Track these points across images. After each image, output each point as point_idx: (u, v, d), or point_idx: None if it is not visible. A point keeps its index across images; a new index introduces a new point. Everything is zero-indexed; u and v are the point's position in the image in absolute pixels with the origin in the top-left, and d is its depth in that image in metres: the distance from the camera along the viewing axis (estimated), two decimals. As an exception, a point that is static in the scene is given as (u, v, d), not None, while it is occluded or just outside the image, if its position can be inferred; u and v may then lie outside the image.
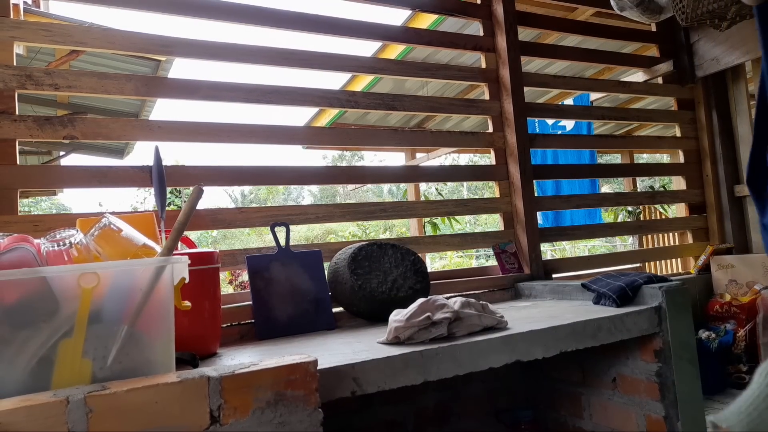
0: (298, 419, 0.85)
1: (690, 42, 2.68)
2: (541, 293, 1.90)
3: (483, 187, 18.91)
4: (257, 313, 1.52)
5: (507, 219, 2.18)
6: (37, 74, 1.46)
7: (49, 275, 0.84)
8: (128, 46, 1.60)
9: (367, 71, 2.03)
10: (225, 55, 1.72)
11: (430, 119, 5.65)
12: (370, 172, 2.11)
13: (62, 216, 1.46)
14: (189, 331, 1.19)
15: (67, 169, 1.56)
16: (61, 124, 1.48)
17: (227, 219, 1.66)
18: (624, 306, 1.46)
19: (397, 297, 1.56)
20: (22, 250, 0.90)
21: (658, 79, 2.78)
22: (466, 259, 11.62)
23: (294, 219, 1.74)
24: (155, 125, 1.59)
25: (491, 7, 2.24)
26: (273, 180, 1.78)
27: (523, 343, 1.21)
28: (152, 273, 0.89)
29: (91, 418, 0.72)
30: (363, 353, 1.09)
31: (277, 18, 1.83)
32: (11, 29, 1.45)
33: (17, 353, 0.81)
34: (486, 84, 2.21)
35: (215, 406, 0.79)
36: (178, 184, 1.63)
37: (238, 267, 1.64)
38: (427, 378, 1.09)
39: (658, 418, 1.42)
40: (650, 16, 2.23)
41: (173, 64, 3.56)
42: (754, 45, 2.37)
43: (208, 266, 1.32)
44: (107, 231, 0.96)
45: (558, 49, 2.53)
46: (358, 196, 18.13)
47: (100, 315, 0.85)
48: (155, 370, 0.87)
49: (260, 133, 1.74)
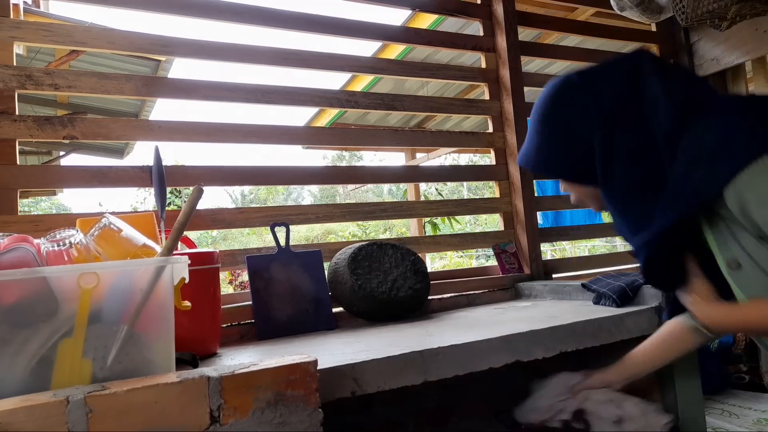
0: (298, 419, 0.85)
1: (690, 42, 2.68)
2: (541, 293, 1.90)
3: (483, 187, 18.91)
4: (257, 313, 1.52)
5: (507, 219, 2.18)
6: (37, 74, 1.46)
7: (49, 275, 0.84)
8: (128, 46, 1.60)
9: (367, 71, 2.03)
10: (225, 55, 1.72)
11: (430, 119, 5.65)
12: (370, 172, 2.11)
13: (62, 216, 1.46)
14: (189, 331, 1.18)
15: (67, 169, 1.56)
16: (61, 124, 1.48)
17: (227, 219, 1.66)
18: (624, 306, 1.46)
19: (397, 297, 1.56)
20: (22, 250, 0.90)
21: (658, 79, 2.77)
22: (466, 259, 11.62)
23: (294, 219, 1.74)
24: (155, 125, 1.59)
25: (491, 7, 2.24)
26: (273, 180, 1.78)
27: (523, 343, 1.21)
28: (152, 273, 0.89)
29: (91, 418, 0.72)
30: (363, 353, 1.09)
31: (276, 18, 1.83)
32: (11, 29, 1.45)
33: (17, 353, 0.81)
34: (486, 84, 2.21)
35: (215, 406, 0.79)
36: (178, 184, 1.63)
37: (238, 267, 1.64)
38: (427, 378, 1.08)
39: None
40: (650, 16, 2.23)
41: (173, 64, 3.56)
42: (754, 45, 2.37)
43: (208, 266, 1.32)
44: (107, 231, 0.96)
45: (558, 49, 2.53)
46: (358, 196, 18.13)
47: (100, 315, 0.85)
48: (155, 370, 0.87)
49: (260, 133, 1.74)
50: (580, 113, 1.00)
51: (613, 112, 0.98)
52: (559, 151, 1.04)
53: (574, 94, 1.02)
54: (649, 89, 0.98)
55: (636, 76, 1.00)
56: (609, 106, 0.98)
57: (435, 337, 1.25)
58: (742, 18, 1.91)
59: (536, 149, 1.07)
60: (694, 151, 0.90)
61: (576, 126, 1.01)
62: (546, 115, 1.04)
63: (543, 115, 1.05)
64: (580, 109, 1.01)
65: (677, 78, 1.00)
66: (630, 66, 1.01)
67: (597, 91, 1.00)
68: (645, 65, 1.00)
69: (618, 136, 0.98)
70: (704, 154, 0.89)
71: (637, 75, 1.00)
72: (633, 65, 1.01)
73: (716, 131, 0.89)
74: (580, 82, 1.03)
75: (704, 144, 0.89)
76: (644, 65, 1.01)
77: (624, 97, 0.99)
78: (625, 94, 0.99)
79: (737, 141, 0.86)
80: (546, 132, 1.05)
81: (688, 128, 0.93)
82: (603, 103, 0.99)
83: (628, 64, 1.02)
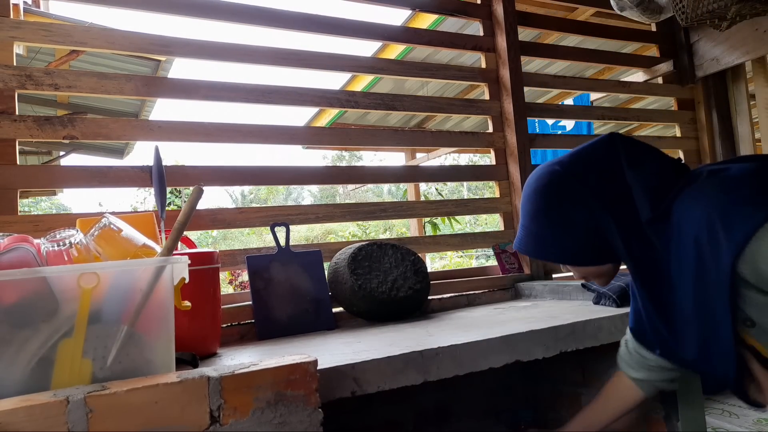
0: (298, 419, 0.85)
1: (690, 42, 2.68)
2: (541, 293, 1.90)
3: (483, 187, 18.90)
4: (257, 313, 1.52)
5: (507, 219, 2.18)
6: (37, 74, 1.46)
7: (49, 275, 0.84)
8: (128, 46, 1.60)
9: (367, 71, 2.03)
10: (225, 55, 1.72)
11: (430, 119, 5.65)
12: (370, 172, 2.11)
13: (62, 216, 1.46)
14: (189, 331, 1.19)
15: (67, 169, 1.56)
16: (61, 124, 1.48)
17: (227, 219, 1.66)
18: (624, 306, 1.46)
19: (397, 297, 1.56)
20: (22, 250, 0.90)
21: (658, 79, 2.78)
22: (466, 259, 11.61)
23: (294, 219, 1.74)
24: (155, 125, 1.59)
25: (491, 7, 2.24)
26: (273, 180, 1.78)
27: (523, 343, 1.21)
28: (152, 273, 0.89)
29: (91, 418, 0.72)
30: (363, 353, 1.09)
31: (276, 18, 1.83)
32: (11, 29, 1.45)
33: (17, 353, 0.81)
34: (486, 84, 2.21)
35: (215, 406, 0.79)
36: (178, 184, 1.63)
37: (238, 267, 1.64)
38: (427, 378, 1.08)
39: (658, 418, 1.42)
40: (650, 16, 2.23)
41: (173, 64, 3.56)
42: (754, 45, 2.38)
43: (208, 266, 1.32)
44: (107, 231, 0.96)
45: (558, 49, 2.53)
46: (358, 196, 18.12)
47: (100, 315, 0.85)
48: (155, 370, 0.87)
49: (260, 133, 1.74)
50: (575, 200, 1.02)
51: (604, 194, 1.01)
52: (562, 239, 1.05)
53: (562, 183, 1.04)
54: (624, 176, 1.01)
55: (614, 161, 1.03)
56: (598, 190, 1.01)
57: (435, 337, 1.25)
58: (742, 18, 1.91)
59: (536, 240, 1.08)
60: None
61: (573, 214, 1.02)
62: (540, 209, 1.06)
63: (538, 209, 1.06)
64: (572, 196, 1.03)
65: (648, 163, 1.02)
66: (606, 151, 1.05)
67: (584, 178, 1.03)
68: (619, 150, 1.04)
69: (617, 212, 1.01)
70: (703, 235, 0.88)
71: (615, 160, 1.03)
72: (609, 150, 1.05)
73: (705, 212, 0.89)
74: (564, 170, 1.05)
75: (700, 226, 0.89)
76: (618, 150, 1.04)
77: (609, 180, 1.02)
78: (609, 177, 1.02)
79: (736, 215, 0.85)
80: (544, 223, 1.06)
81: (669, 214, 0.95)
82: (593, 187, 1.02)
83: (604, 149, 1.05)
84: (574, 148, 1.10)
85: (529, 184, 1.10)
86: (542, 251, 1.09)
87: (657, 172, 1.01)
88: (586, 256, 1.06)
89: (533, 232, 1.07)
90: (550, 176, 1.06)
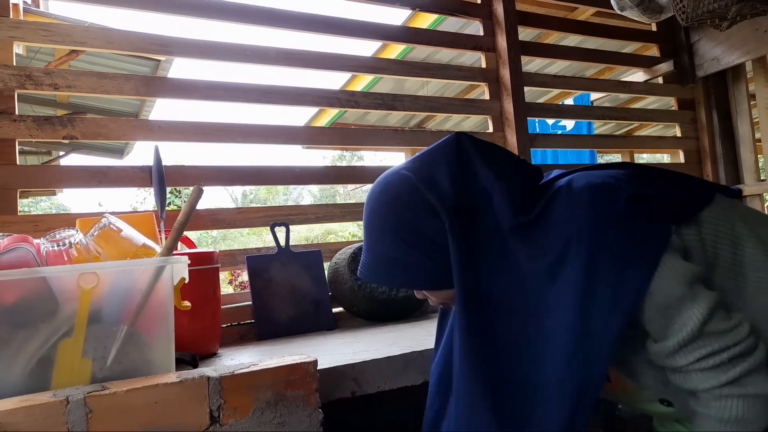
0: (298, 419, 0.85)
1: (690, 42, 2.68)
2: (541, 293, 1.89)
3: (483, 187, 18.84)
4: (257, 314, 1.52)
5: (507, 219, 2.17)
6: (37, 74, 1.46)
7: (48, 275, 0.84)
8: (127, 46, 1.60)
9: (367, 71, 2.03)
10: (224, 55, 1.72)
11: (430, 119, 5.64)
12: (370, 172, 2.10)
13: (62, 216, 1.45)
14: (189, 331, 1.18)
15: (67, 169, 1.56)
16: (60, 124, 1.48)
17: (227, 219, 1.66)
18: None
19: (397, 297, 1.56)
20: (21, 250, 0.90)
21: (658, 79, 2.77)
22: (466, 259, 11.58)
23: (294, 219, 1.74)
24: (155, 125, 1.59)
25: (491, 6, 2.24)
26: (273, 180, 1.78)
27: (523, 343, 1.21)
28: (152, 273, 0.89)
29: (91, 418, 0.72)
30: (363, 353, 1.09)
31: (276, 17, 1.83)
32: (11, 29, 1.45)
33: (17, 353, 0.81)
34: (486, 84, 2.21)
35: (215, 406, 0.79)
36: (178, 184, 1.63)
37: (238, 267, 1.64)
38: (427, 378, 1.08)
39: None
40: (650, 15, 2.23)
41: (173, 63, 3.56)
42: (754, 45, 2.37)
43: (208, 266, 1.32)
44: (107, 231, 0.96)
45: (558, 49, 2.53)
46: (358, 196, 18.12)
47: (100, 315, 0.85)
48: (155, 371, 0.87)
49: (260, 133, 1.74)
50: (432, 211, 0.82)
51: (458, 202, 0.83)
52: (420, 259, 0.83)
53: (413, 191, 0.84)
54: (479, 180, 0.85)
55: (465, 164, 0.86)
56: (453, 197, 0.83)
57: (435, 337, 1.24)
58: (743, 18, 1.91)
59: (388, 263, 0.85)
60: None
61: (427, 228, 0.83)
62: (390, 225, 0.85)
63: (387, 226, 0.85)
64: (427, 206, 0.83)
65: (503, 164, 0.87)
66: (454, 153, 0.87)
67: (437, 185, 0.84)
68: (468, 150, 0.87)
69: (472, 227, 0.83)
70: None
71: (466, 163, 0.86)
72: (456, 151, 0.87)
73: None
74: (417, 176, 0.85)
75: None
76: (467, 150, 0.87)
77: (462, 186, 0.84)
78: (462, 183, 0.84)
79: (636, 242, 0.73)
80: (396, 243, 0.84)
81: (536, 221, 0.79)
82: (446, 198, 0.82)
83: (451, 150, 0.87)
84: (420, 152, 0.91)
85: (373, 198, 0.88)
86: (397, 276, 0.86)
87: (515, 173, 0.86)
88: (447, 276, 0.82)
89: (382, 254, 0.85)
90: (400, 185, 0.85)
